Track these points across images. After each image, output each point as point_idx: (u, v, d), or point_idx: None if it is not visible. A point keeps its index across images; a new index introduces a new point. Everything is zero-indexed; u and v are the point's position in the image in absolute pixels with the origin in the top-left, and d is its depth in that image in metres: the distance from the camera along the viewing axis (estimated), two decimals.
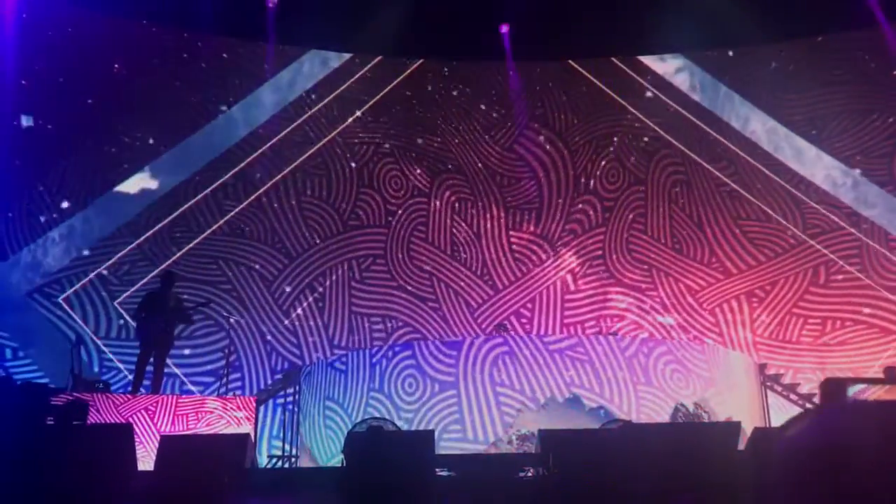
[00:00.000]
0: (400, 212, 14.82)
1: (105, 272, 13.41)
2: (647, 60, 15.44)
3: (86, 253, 13.42)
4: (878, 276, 13.88)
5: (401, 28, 13.66)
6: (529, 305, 14.58)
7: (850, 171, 14.29)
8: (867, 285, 13.85)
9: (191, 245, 13.85)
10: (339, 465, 6.70)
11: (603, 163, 15.13)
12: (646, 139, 15.14)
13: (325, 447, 10.38)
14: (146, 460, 7.45)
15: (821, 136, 14.43)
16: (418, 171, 15.05)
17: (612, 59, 15.40)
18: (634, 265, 14.64)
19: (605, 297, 14.54)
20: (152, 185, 13.92)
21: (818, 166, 14.44)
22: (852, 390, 8.52)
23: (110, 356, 13.00)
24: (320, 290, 14.24)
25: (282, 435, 11.88)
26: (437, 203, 14.94)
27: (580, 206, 14.99)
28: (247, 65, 14.67)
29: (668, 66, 15.37)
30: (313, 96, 15.00)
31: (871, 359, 13.43)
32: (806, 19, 13.63)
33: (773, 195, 14.50)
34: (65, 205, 13.40)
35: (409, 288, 14.41)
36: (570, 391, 9.51)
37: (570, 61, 15.40)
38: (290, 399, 11.74)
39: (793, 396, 12.69)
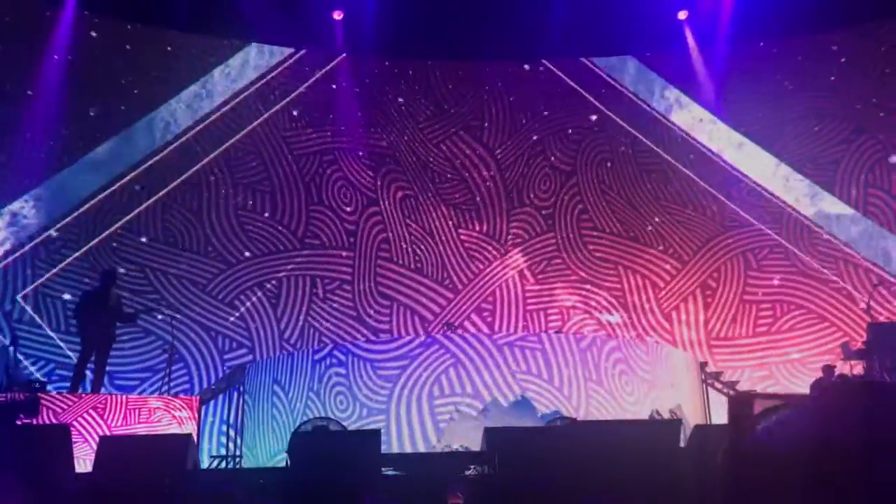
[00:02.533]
0: (360, 233, 14.69)
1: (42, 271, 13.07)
2: (595, 64, 15.59)
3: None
4: (806, 265, 14.24)
5: (344, 24, 13.57)
6: (490, 300, 14.61)
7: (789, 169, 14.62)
8: (796, 272, 14.20)
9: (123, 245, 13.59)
10: (284, 464, 6.62)
11: (534, 173, 15.22)
12: (569, 136, 15.29)
13: (268, 444, 10.27)
14: (88, 460, 7.29)
15: (759, 135, 14.73)
16: (363, 172, 14.94)
17: (544, 61, 15.51)
18: (592, 261, 14.76)
19: (552, 296, 14.65)
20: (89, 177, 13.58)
21: (755, 159, 14.75)
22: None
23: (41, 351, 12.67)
24: (268, 286, 14.06)
25: (226, 435, 11.73)
26: (388, 205, 14.85)
27: (520, 216, 15.08)
28: (188, 59, 14.37)
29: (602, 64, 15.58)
30: (253, 93, 14.77)
31: (810, 349, 13.76)
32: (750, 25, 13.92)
33: (692, 188, 14.81)
34: None
35: (368, 320, 14.32)
36: (519, 388, 9.54)
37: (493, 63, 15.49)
38: (234, 400, 11.61)
39: (732, 393, 12.97)
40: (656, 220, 14.80)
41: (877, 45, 14.22)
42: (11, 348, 9.89)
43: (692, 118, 15.11)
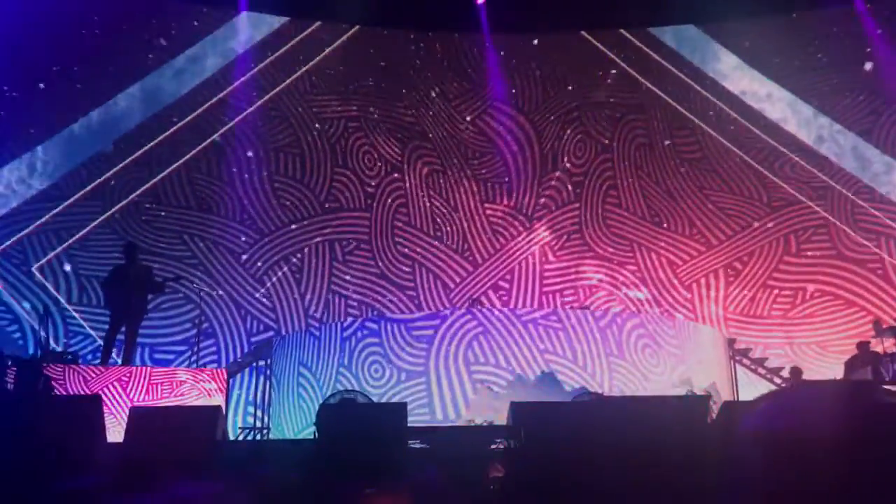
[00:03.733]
0: (379, 193, 14.69)
1: (73, 243, 13.21)
2: (626, 34, 15.35)
3: (50, 220, 13.18)
4: (845, 248, 14.05)
5: None
6: (508, 277, 14.59)
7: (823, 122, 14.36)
8: (838, 255, 14.02)
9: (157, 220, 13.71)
10: (311, 437, 6.67)
11: (567, 137, 15.07)
12: (609, 107, 15.11)
13: (296, 419, 10.37)
14: (117, 431, 7.38)
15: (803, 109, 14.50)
16: (390, 143, 14.91)
17: (583, 32, 15.29)
18: (612, 239, 14.67)
19: (579, 271, 14.58)
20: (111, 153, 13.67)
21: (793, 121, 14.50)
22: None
23: (81, 322, 12.84)
24: (294, 260, 14.12)
25: (254, 406, 11.85)
26: (412, 178, 14.83)
27: (550, 182, 14.97)
28: (214, 30, 14.35)
29: (645, 38, 15.31)
30: (283, 66, 14.74)
31: (836, 331, 13.62)
32: None
33: (737, 169, 14.59)
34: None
35: (391, 276, 14.33)
36: (545, 364, 9.55)
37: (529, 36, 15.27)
38: (262, 372, 11.71)
39: (761, 370, 12.89)
40: (692, 208, 14.58)
41: None
42: (45, 319, 10.01)
43: (734, 89, 14.83)
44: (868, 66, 14.02)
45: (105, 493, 5.04)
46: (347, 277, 14.22)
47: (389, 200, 14.71)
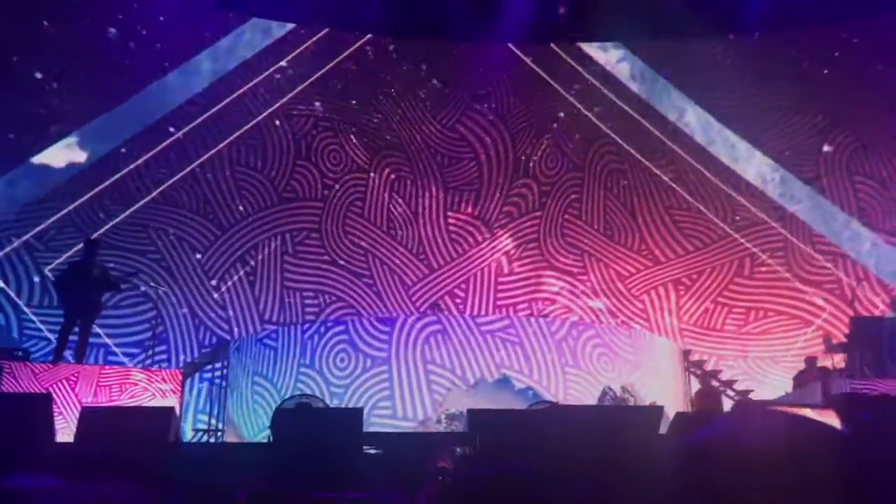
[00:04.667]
0: (337, 186, 14.69)
1: (31, 240, 12.98)
2: (588, 49, 15.52)
3: (11, 218, 12.97)
4: (801, 269, 14.34)
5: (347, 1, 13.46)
6: (464, 286, 14.65)
7: (778, 167, 14.69)
8: (793, 277, 14.31)
9: (124, 215, 13.53)
10: (266, 440, 6.64)
11: (543, 147, 15.21)
12: (585, 127, 15.26)
13: (252, 422, 10.31)
14: (66, 431, 7.26)
15: (752, 132, 14.77)
16: (358, 146, 14.90)
17: (553, 45, 15.45)
18: (567, 250, 14.82)
19: (539, 280, 14.70)
20: (80, 151, 13.47)
21: (750, 161, 14.80)
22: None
23: (36, 323, 12.61)
24: (252, 263, 14.03)
25: (208, 409, 11.74)
26: (376, 179, 14.84)
27: (518, 188, 15.07)
28: (185, 30, 14.22)
29: (608, 55, 15.48)
30: (254, 66, 14.66)
31: (789, 347, 13.90)
32: (742, 16, 13.89)
33: (705, 187, 14.83)
34: None
35: (342, 262, 14.32)
36: (500, 372, 9.64)
37: (510, 45, 15.37)
38: (217, 373, 11.60)
39: (715, 382, 13.07)
40: (652, 227, 14.80)
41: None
42: None
43: (698, 119, 15.09)
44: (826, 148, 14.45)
45: (55, 491, 4.98)
46: (300, 269, 14.17)
47: (346, 193, 14.69)
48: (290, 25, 14.81)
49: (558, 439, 6.70)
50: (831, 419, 6.86)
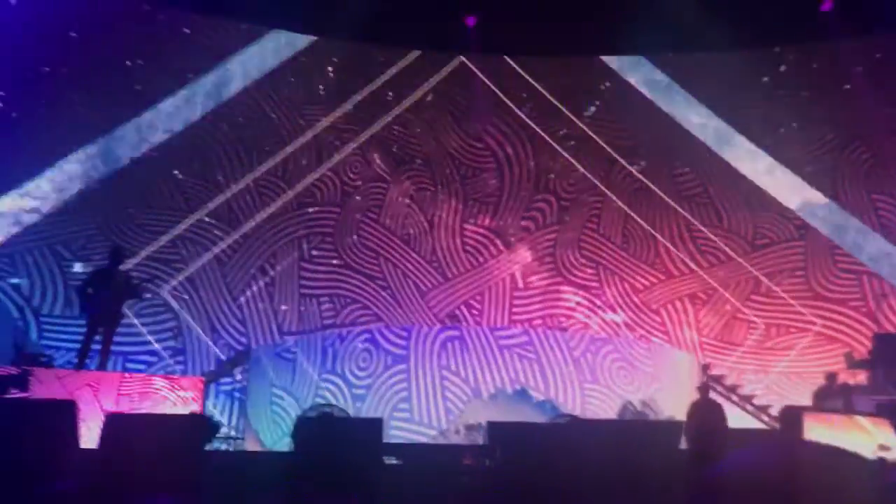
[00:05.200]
0: (356, 194, 14.80)
1: (59, 247, 13.13)
2: (610, 62, 15.54)
3: (37, 225, 13.12)
4: (822, 287, 14.23)
5: (372, 15, 13.53)
6: (479, 297, 14.67)
7: (799, 182, 14.61)
8: (815, 295, 14.22)
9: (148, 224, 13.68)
10: (288, 449, 6.69)
11: (563, 161, 15.23)
12: (606, 140, 15.26)
13: (271, 432, 10.38)
14: (91, 437, 7.33)
15: (772, 146, 14.73)
16: (380, 157, 14.98)
17: (576, 58, 15.47)
18: (584, 263, 14.80)
19: (557, 293, 14.69)
20: (107, 159, 13.63)
21: (771, 177, 14.74)
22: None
23: (57, 331, 12.72)
24: (271, 273, 14.12)
25: (228, 417, 11.83)
26: (395, 190, 14.91)
27: (538, 203, 15.09)
28: (210, 42, 14.38)
29: (629, 68, 15.49)
30: (279, 78, 14.79)
31: (809, 363, 13.79)
32: (767, 30, 13.88)
33: (726, 204, 14.78)
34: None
35: (355, 265, 14.41)
36: (516, 385, 9.67)
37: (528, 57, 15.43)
38: (237, 383, 11.69)
39: (734, 397, 13.01)
40: (663, 237, 14.78)
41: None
42: (21, 323, 9.93)
43: (717, 133, 15.08)
44: None
45: (82, 499, 5.04)
46: (316, 275, 14.25)
47: (365, 199, 14.80)
48: (313, 39, 14.93)
49: (579, 453, 6.72)
50: (885, 429, 6.81)
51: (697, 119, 15.16)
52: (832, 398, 10.89)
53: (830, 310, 14.05)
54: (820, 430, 6.60)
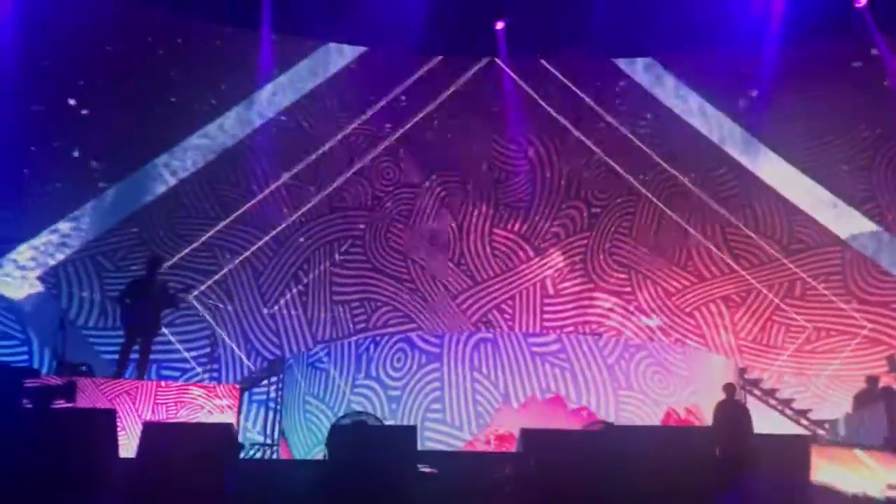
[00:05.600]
0: (386, 198, 14.83)
1: (100, 258, 13.37)
2: (637, 66, 15.39)
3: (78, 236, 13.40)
4: (861, 290, 13.95)
5: (405, 22, 13.60)
6: (510, 302, 14.60)
7: (833, 185, 14.37)
8: (855, 298, 13.95)
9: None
10: (322, 457, 6.74)
11: (595, 165, 15.14)
12: (638, 143, 15.14)
13: (305, 440, 10.44)
14: (127, 446, 7.43)
15: (805, 146, 14.50)
16: (413, 163, 15.02)
17: (614, 60, 15.35)
18: (615, 268, 14.64)
19: (590, 298, 14.57)
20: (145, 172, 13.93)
21: (804, 179, 14.51)
22: None
23: (93, 343, 12.91)
24: (305, 281, 14.20)
25: (263, 425, 11.91)
26: (426, 194, 14.91)
27: (568, 209, 14.99)
28: (244, 54, 14.53)
29: (656, 72, 15.37)
30: (311, 87, 14.91)
31: (850, 366, 13.51)
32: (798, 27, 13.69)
33: (760, 206, 14.57)
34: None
35: (384, 269, 14.42)
36: (549, 392, 9.64)
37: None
38: (273, 390, 11.77)
39: (772, 401, 12.84)
40: (697, 239, 14.63)
41: None
42: (60, 332, 10.08)
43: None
44: None
45: None
46: (345, 279, 14.30)
47: (393, 203, 14.84)
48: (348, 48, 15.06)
49: (615, 460, 6.67)
50: (892, 467, 6.65)
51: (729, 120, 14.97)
52: (873, 402, 10.69)
53: (872, 312, 13.74)
54: (827, 468, 6.43)
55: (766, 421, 12.25)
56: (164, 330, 12.55)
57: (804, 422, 12.46)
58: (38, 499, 5.32)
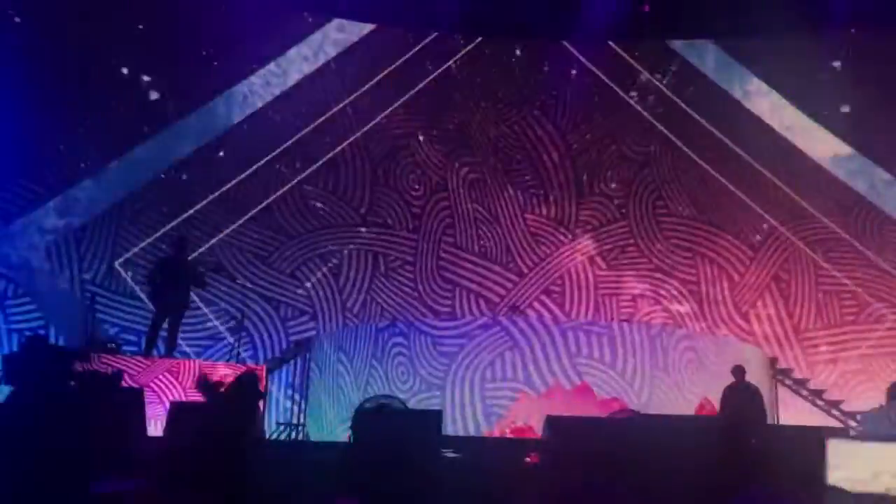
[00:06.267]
0: (426, 214, 14.70)
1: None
2: (675, 46, 15.16)
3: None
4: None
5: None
6: (559, 283, 14.47)
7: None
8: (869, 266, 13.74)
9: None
10: (347, 440, 6.74)
11: (607, 159, 14.93)
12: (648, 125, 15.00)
13: (333, 411, 10.51)
14: (162, 421, 7.54)
15: (841, 124, 14.22)
16: (433, 153, 14.91)
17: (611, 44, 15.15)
18: (646, 253, 14.45)
19: (620, 283, 14.41)
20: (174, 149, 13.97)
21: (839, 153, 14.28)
22: None
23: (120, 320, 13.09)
24: (335, 260, 14.20)
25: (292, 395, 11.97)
26: (456, 187, 14.77)
27: (592, 205, 14.86)
28: (266, 35, 14.51)
29: (686, 51, 15.15)
30: (333, 66, 14.86)
31: (885, 353, 13.26)
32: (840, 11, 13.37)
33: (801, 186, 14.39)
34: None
35: (429, 301, 14.29)
36: (578, 375, 9.55)
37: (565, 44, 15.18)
38: (299, 371, 11.85)
39: (803, 392, 12.65)
40: (729, 206, 14.38)
41: None
42: (90, 309, 10.22)
43: (770, 105, 14.61)
44: None
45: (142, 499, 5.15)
46: (386, 291, 14.26)
47: (437, 220, 14.72)
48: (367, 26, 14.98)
49: (641, 449, 6.59)
50: None
51: (760, 97, 14.72)
52: None
53: None
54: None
55: (795, 413, 12.15)
56: (201, 306, 12.71)
57: (836, 413, 12.27)
58: (64, 477, 5.37)
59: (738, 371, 9.11)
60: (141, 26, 13.82)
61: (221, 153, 14.18)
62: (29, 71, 12.67)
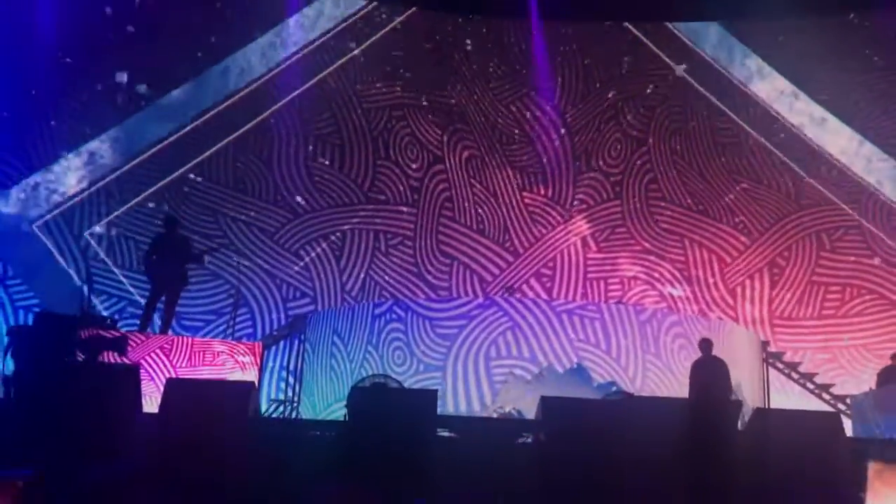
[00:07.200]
0: (424, 187, 14.68)
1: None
2: (678, 29, 15.13)
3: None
4: (885, 252, 13.79)
5: None
6: (551, 265, 14.47)
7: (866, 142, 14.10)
8: (870, 257, 13.79)
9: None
10: (342, 418, 6.75)
11: (605, 136, 14.92)
12: (647, 103, 14.96)
13: (326, 390, 10.53)
14: (154, 398, 7.54)
15: (843, 111, 14.23)
16: (431, 128, 14.86)
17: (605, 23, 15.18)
18: (641, 236, 14.48)
19: (615, 265, 14.44)
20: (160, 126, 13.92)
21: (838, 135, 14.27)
22: None
23: (127, 288, 13.09)
24: (334, 238, 14.18)
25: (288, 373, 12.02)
26: (453, 164, 14.75)
27: (587, 182, 14.83)
28: (262, 7, 14.45)
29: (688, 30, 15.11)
30: (332, 43, 14.79)
31: (878, 337, 13.33)
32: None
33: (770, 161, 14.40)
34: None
35: (428, 278, 14.29)
36: (575, 356, 9.58)
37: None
38: (294, 348, 11.85)
39: (794, 375, 12.74)
40: (730, 196, 14.38)
41: None
42: (85, 286, 10.17)
43: (774, 90, 14.60)
44: None
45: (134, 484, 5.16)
46: (386, 269, 14.27)
47: (435, 195, 14.71)
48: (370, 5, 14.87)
49: (633, 431, 6.63)
50: None
51: (762, 82, 14.69)
52: None
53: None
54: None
55: (787, 395, 12.24)
56: (197, 285, 12.71)
57: (826, 396, 12.36)
58: (60, 453, 5.38)
59: (706, 345, 9.12)
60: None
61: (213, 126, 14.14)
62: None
